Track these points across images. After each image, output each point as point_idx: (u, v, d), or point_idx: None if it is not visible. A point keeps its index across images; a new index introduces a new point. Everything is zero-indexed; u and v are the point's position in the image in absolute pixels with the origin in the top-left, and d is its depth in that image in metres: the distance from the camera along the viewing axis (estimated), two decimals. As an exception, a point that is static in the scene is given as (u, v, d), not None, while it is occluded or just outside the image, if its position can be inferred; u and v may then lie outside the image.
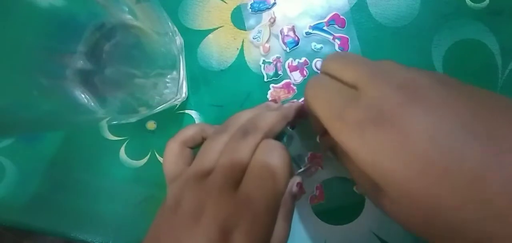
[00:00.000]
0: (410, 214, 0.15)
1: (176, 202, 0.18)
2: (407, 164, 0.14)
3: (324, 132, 0.19)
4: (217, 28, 0.28)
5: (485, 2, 0.26)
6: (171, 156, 0.22)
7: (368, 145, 0.15)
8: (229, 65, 0.27)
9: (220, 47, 0.28)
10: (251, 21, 0.28)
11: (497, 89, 0.26)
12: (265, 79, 0.27)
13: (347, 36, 0.27)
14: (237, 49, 0.27)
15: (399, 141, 0.14)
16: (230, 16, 0.28)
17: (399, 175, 0.14)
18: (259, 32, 0.27)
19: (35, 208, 0.28)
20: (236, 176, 0.18)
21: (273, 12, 0.27)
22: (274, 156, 0.19)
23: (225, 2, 0.28)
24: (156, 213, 0.20)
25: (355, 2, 0.27)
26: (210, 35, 0.28)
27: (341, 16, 0.27)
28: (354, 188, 0.26)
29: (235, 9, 0.28)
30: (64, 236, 0.28)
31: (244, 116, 0.22)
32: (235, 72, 0.27)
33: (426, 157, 0.14)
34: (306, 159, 0.26)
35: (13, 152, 0.29)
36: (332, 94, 0.18)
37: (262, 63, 0.27)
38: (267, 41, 0.27)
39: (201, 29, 0.28)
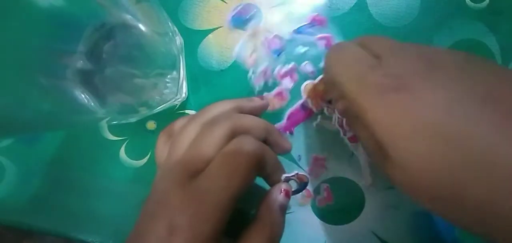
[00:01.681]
0: (414, 181, 0.15)
1: (151, 192, 0.18)
2: (417, 129, 0.14)
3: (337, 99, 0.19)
4: (217, 28, 0.28)
5: (485, 2, 0.26)
6: (160, 146, 0.21)
7: (383, 108, 0.15)
8: (229, 65, 0.27)
9: (220, 47, 0.28)
10: (234, 35, 0.27)
11: (497, 89, 0.26)
12: (257, 91, 0.27)
13: (330, 34, 0.27)
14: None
15: (412, 107, 0.15)
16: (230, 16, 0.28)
17: (407, 139, 0.15)
18: (243, 45, 0.27)
19: (35, 208, 0.28)
20: (195, 168, 0.17)
21: (255, 23, 0.27)
22: (240, 153, 0.17)
23: (225, 2, 0.28)
24: None
25: (355, 2, 0.27)
26: (210, 35, 0.28)
27: (321, 16, 0.27)
28: (360, 184, 0.26)
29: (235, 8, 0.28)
30: (64, 236, 0.28)
31: (219, 107, 0.21)
32: (235, 72, 0.27)
33: (436, 125, 0.14)
34: (311, 160, 0.26)
35: (13, 152, 0.29)
36: (355, 59, 0.18)
37: (251, 74, 0.27)
38: (252, 53, 0.27)
39: (201, 29, 0.28)
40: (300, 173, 0.23)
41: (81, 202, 0.28)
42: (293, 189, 0.21)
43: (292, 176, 0.22)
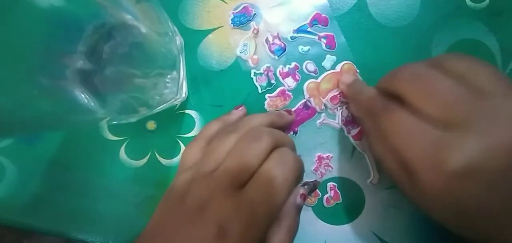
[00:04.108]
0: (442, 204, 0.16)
1: (183, 193, 0.19)
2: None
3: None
4: (217, 28, 0.28)
5: (485, 2, 0.26)
6: (194, 149, 0.22)
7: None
8: (229, 65, 0.27)
9: (220, 47, 0.28)
10: (235, 36, 0.27)
11: (497, 89, 0.26)
12: (260, 91, 0.27)
13: (332, 34, 0.27)
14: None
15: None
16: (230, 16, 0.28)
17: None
18: (245, 45, 0.27)
19: (35, 208, 0.28)
20: (242, 178, 0.19)
21: (255, 23, 0.27)
22: (285, 168, 0.19)
23: (225, 2, 0.28)
24: (161, 199, 0.20)
25: (355, 2, 0.27)
26: (210, 35, 0.28)
27: (322, 15, 0.27)
28: (361, 183, 0.26)
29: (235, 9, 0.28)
30: (64, 236, 0.28)
31: (255, 121, 0.23)
32: (235, 72, 0.27)
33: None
34: (315, 159, 0.26)
35: (13, 152, 0.29)
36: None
37: (254, 75, 0.27)
38: (254, 53, 0.27)
39: (201, 29, 0.28)
40: (318, 180, 0.26)
41: (81, 202, 0.28)
42: (306, 193, 0.24)
43: (311, 182, 0.26)
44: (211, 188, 0.18)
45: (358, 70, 0.26)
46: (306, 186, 0.25)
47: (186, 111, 0.28)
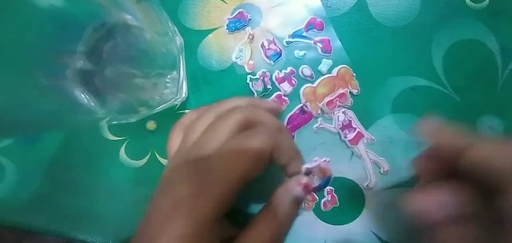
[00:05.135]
0: None
1: (163, 183, 0.19)
2: None
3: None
4: (217, 28, 0.28)
5: (485, 2, 0.26)
6: (173, 137, 0.22)
7: None
8: (229, 65, 0.27)
9: (220, 47, 0.28)
10: (230, 43, 0.27)
11: (497, 89, 0.26)
12: (256, 96, 0.27)
13: (327, 38, 0.27)
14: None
15: None
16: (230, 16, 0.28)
17: None
18: (241, 51, 0.27)
19: (35, 208, 0.28)
20: (206, 153, 0.18)
21: (250, 28, 0.27)
22: (256, 136, 0.17)
23: (225, 2, 0.28)
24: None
25: (355, 2, 0.27)
26: (210, 35, 0.28)
27: (318, 19, 0.27)
28: (360, 185, 0.26)
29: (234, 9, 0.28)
30: (64, 236, 0.28)
31: (234, 102, 0.22)
32: (235, 72, 0.27)
33: None
34: (314, 162, 0.26)
35: (13, 152, 0.29)
36: None
37: (249, 80, 0.27)
38: (250, 59, 0.27)
39: (201, 29, 0.28)
40: (322, 163, 0.21)
41: (81, 202, 0.28)
42: (316, 185, 0.20)
43: (313, 167, 0.21)
44: (177, 164, 0.18)
45: (354, 74, 0.26)
46: (315, 176, 0.20)
47: (186, 111, 0.28)
